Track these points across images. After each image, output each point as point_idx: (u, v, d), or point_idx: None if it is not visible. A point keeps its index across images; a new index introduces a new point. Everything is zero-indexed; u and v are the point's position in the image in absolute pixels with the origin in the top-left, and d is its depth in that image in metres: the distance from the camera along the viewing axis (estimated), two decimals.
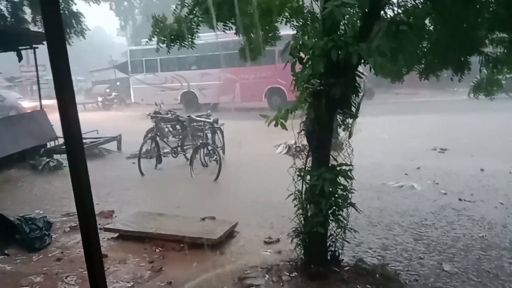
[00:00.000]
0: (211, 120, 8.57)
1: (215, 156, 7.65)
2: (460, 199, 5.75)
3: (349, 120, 3.85)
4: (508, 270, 3.87)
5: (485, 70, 5.07)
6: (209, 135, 8.56)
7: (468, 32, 4.40)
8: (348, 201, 3.74)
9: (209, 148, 7.96)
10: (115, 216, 5.62)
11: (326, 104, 3.58)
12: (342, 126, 3.88)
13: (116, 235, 4.94)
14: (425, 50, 4.82)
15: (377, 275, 3.74)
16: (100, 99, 24.94)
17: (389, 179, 6.77)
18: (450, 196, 5.90)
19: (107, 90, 26.53)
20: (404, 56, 4.61)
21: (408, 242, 4.52)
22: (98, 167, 8.51)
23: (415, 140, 9.72)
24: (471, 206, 5.52)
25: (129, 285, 3.82)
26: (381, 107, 15.93)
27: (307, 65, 3.49)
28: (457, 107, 13.00)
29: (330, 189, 3.62)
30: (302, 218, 3.84)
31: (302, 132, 3.83)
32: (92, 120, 14.88)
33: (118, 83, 27.64)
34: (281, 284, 3.70)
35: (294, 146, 8.23)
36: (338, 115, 3.81)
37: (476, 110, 12.85)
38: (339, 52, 3.10)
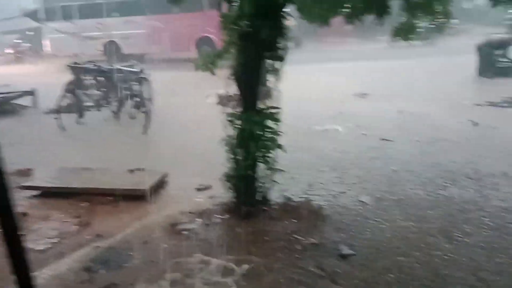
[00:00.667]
0: (137, 70, 8.11)
1: (143, 108, 7.35)
2: (382, 139, 6.17)
3: (277, 64, 3.86)
4: (412, 194, 4.32)
5: (403, 15, 5.32)
6: (136, 87, 8.14)
7: None
8: (276, 143, 3.84)
9: (136, 99, 7.60)
10: (35, 174, 5.26)
11: (255, 47, 3.54)
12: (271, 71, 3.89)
13: (37, 193, 4.65)
14: None
15: (303, 210, 3.98)
16: (9, 51, 22.35)
17: (315, 123, 7.05)
18: (371, 137, 6.32)
19: (17, 41, 23.78)
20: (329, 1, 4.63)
21: (332, 180, 4.82)
22: (11, 124, 7.78)
23: (340, 86, 10.12)
24: (391, 144, 5.96)
25: (55, 241, 3.67)
26: (309, 55, 16.21)
27: (235, 6, 3.39)
28: (380, 55, 13.67)
29: (258, 132, 3.68)
30: (232, 163, 3.90)
31: (232, 80, 3.79)
32: (2, 74, 13.39)
33: (30, 33, 24.85)
34: (213, 225, 3.79)
35: (224, 95, 8.16)
36: (266, 59, 3.79)
37: (397, 57, 13.64)
38: None
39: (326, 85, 10.55)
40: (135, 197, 4.34)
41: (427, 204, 4.15)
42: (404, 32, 5.53)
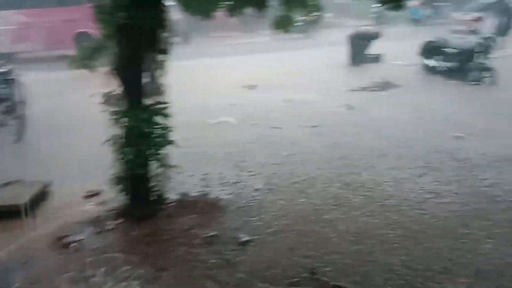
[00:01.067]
0: (4, 71, 7.15)
1: (14, 113, 6.52)
2: (272, 127, 6.44)
3: (161, 57, 3.76)
4: (304, 175, 4.64)
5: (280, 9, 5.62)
6: (3, 90, 7.17)
7: None
8: (167, 139, 3.75)
9: (5, 104, 6.70)
10: None
11: (134, 40, 3.38)
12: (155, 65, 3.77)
13: None
14: None
15: (200, 204, 3.98)
16: None
17: (208, 116, 7.06)
18: (261, 126, 6.56)
19: None
20: None
21: (229, 170, 4.89)
22: None
23: (230, 79, 10.28)
24: (280, 132, 6.26)
25: None
26: (198, 50, 16.13)
27: None
28: (265, 48, 14.21)
29: (147, 129, 3.55)
30: (122, 163, 3.70)
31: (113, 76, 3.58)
32: None
33: None
34: (105, 232, 3.56)
35: (110, 93, 7.67)
36: (148, 53, 3.66)
37: (281, 49, 14.36)
38: None
39: (216, 78, 10.62)
40: (10, 213, 3.85)
41: (319, 182, 4.48)
42: (283, 25, 5.87)
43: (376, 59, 11.28)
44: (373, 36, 11.25)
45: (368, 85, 8.84)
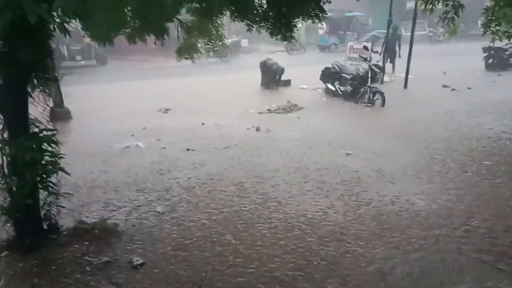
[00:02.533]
0: None
1: None
2: (183, 150, 6.56)
3: (50, 85, 3.74)
4: (205, 197, 4.82)
5: (183, 36, 5.87)
6: None
7: (164, 1, 4.92)
8: (57, 167, 3.70)
9: None
10: None
11: (15, 68, 3.33)
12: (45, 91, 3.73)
13: None
14: (129, 15, 5.11)
15: (97, 231, 3.95)
16: None
17: (116, 141, 6.99)
18: (172, 149, 6.65)
19: None
20: (108, 20, 4.73)
21: (130, 195, 4.90)
22: None
23: (144, 103, 10.25)
24: (189, 154, 6.39)
25: None
26: (114, 74, 15.82)
27: None
28: (182, 72, 14.37)
29: (33, 158, 3.48)
30: (7, 194, 3.57)
31: None
32: None
33: None
34: None
35: None
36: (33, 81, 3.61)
37: (197, 73, 14.62)
38: (15, 12, 2.90)
39: (130, 102, 10.51)
40: None
41: (218, 204, 4.67)
42: (186, 51, 6.12)
43: (286, 83, 12.01)
44: (280, 68, 11.95)
45: (277, 108, 9.39)
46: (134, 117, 8.93)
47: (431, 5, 7.05)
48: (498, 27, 7.32)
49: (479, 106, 9.02)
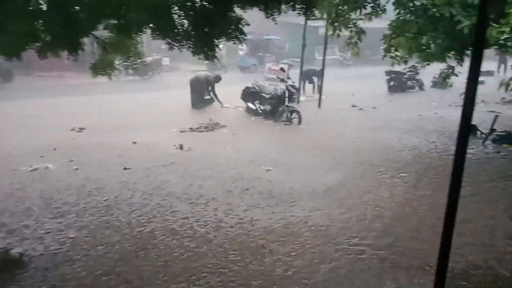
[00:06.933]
0: None
1: None
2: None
3: None
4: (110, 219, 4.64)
5: (99, 52, 5.65)
6: None
7: (79, 16, 4.72)
8: None
9: None
10: None
11: None
12: None
13: None
14: (40, 28, 4.81)
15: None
16: None
17: (24, 164, 6.43)
18: (86, 170, 6.28)
19: None
20: (15, 33, 4.42)
21: (39, 221, 4.53)
22: None
23: (57, 122, 9.60)
24: (106, 176, 6.08)
25: None
26: (23, 91, 14.61)
27: None
28: (99, 89, 13.72)
29: None
30: None
31: None
32: None
33: None
34: None
35: None
36: None
37: (118, 91, 14.12)
38: None
39: (42, 121, 9.76)
40: None
41: (128, 228, 4.51)
42: (102, 68, 5.89)
43: (208, 102, 12.06)
44: (215, 80, 12.01)
45: (199, 127, 9.40)
46: (43, 136, 8.31)
47: (337, 31, 7.70)
48: (396, 53, 8.23)
49: (383, 123, 9.95)
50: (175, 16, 4.51)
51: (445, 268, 2.68)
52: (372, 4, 7.78)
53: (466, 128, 2.55)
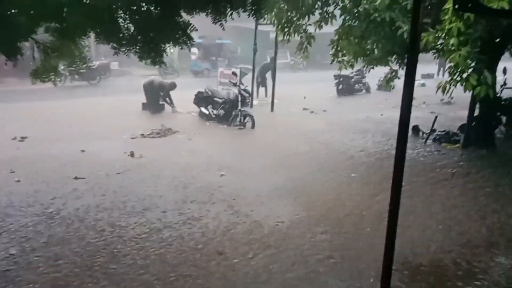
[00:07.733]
0: None
1: None
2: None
3: None
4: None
5: (40, 57, 5.37)
6: None
7: (17, 19, 4.47)
8: None
9: None
10: None
11: None
12: None
13: None
14: None
15: None
16: None
17: None
18: (29, 182, 5.94)
19: None
20: None
21: None
22: None
23: None
24: (48, 188, 5.77)
25: None
26: None
27: None
28: (42, 96, 13.02)
29: None
30: None
31: None
32: None
33: None
34: None
35: None
36: None
37: (63, 97, 13.49)
38: None
39: None
40: None
41: (75, 242, 4.33)
42: (44, 73, 5.60)
43: (160, 107, 11.82)
44: (170, 87, 11.77)
45: (150, 133, 9.19)
46: None
47: (287, 36, 7.87)
48: (343, 57, 8.55)
49: (334, 125, 10.27)
50: (120, 20, 4.39)
51: (391, 262, 2.82)
52: (320, 11, 8.02)
53: (406, 128, 2.73)
